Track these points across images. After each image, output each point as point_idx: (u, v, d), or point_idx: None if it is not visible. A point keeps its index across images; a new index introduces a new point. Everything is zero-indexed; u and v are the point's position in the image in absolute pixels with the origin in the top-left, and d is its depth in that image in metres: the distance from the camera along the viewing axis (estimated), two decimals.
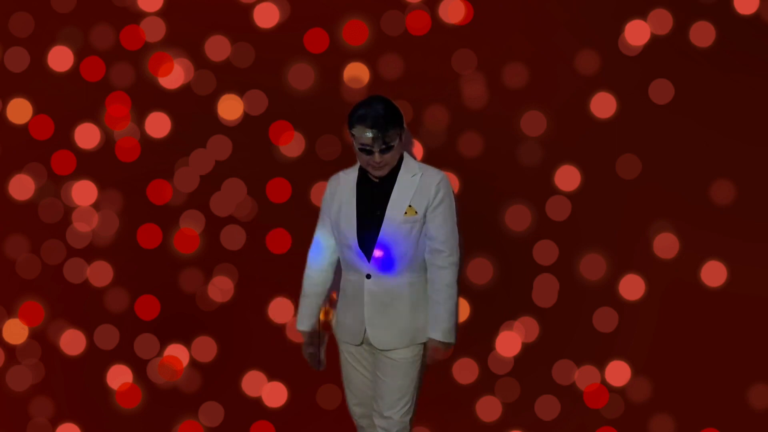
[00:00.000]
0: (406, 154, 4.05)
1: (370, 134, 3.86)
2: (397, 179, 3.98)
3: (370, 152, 3.89)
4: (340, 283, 4.13)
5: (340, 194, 4.05)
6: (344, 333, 4.08)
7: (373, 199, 4.00)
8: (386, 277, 3.97)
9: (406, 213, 3.95)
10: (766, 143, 4.73)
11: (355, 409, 4.18)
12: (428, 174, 4.01)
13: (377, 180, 4.01)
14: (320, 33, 4.70)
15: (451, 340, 4.00)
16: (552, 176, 4.73)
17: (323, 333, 4.24)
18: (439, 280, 3.98)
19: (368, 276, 3.96)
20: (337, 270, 4.14)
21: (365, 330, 3.99)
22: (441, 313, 3.97)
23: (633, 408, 4.81)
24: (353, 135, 3.93)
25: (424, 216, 3.97)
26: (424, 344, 4.06)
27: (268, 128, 4.74)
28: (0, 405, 4.85)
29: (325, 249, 4.13)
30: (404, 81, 4.66)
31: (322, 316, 4.22)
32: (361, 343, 4.04)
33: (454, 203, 4.04)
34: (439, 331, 3.98)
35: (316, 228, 4.14)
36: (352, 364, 4.11)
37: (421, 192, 3.96)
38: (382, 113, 3.89)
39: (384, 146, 3.88)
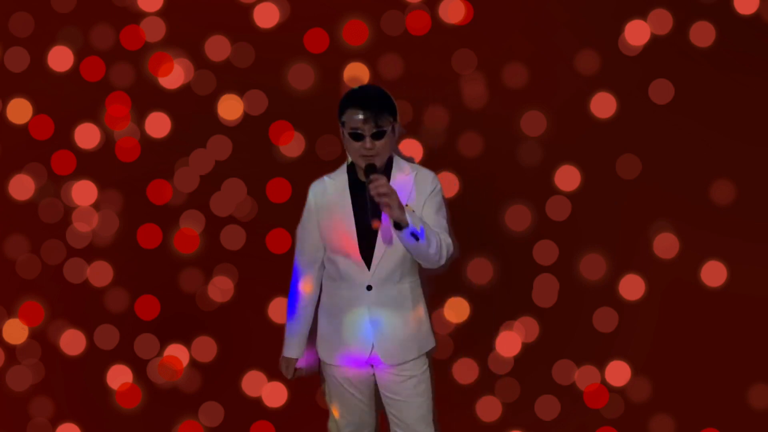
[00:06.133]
0: (395, 155, 3.91)
1: (361, 116, 3.66)
2: (391, 179, 3.80)
3: (360, 137, 3.68)
4: (327, 304, 3.96)
5: (329, 201, 3.86)
6: (342, 356, 3.90)
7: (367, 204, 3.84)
8: (387, 285, 3.82)
9: None
10: (766, 143, 4.73)
11: (346, 431, 4.10)
12: (423, 172, 3.87)
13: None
14: (320, 33, 4.70)
15: (405, 219, 3.56)
16: (552, 176, 4.73)
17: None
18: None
19: (369, 287, 3.81)
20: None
21: (372, 346, 3.84)
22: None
23: (633, 408, 4.81)
24: (343, 123, 3.73)
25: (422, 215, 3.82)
26: (428, 353, 4.00)
27: (268, 128, 4.74)
28: (0, 405, 4.85)
29: (311, 264, 3.97)
30: (404, 81, 4.65)
31: None
32: (366, 362, 3.88)
33: (444, 203, 3.91)
34: (410, 215, 3.61)
35: (297, 244, 4.00)
36: (348, 389, 3.96)
37: (417, 190, 3.81)
38: (375, 95, 3.73)
39: (376, 129, 3.67)
